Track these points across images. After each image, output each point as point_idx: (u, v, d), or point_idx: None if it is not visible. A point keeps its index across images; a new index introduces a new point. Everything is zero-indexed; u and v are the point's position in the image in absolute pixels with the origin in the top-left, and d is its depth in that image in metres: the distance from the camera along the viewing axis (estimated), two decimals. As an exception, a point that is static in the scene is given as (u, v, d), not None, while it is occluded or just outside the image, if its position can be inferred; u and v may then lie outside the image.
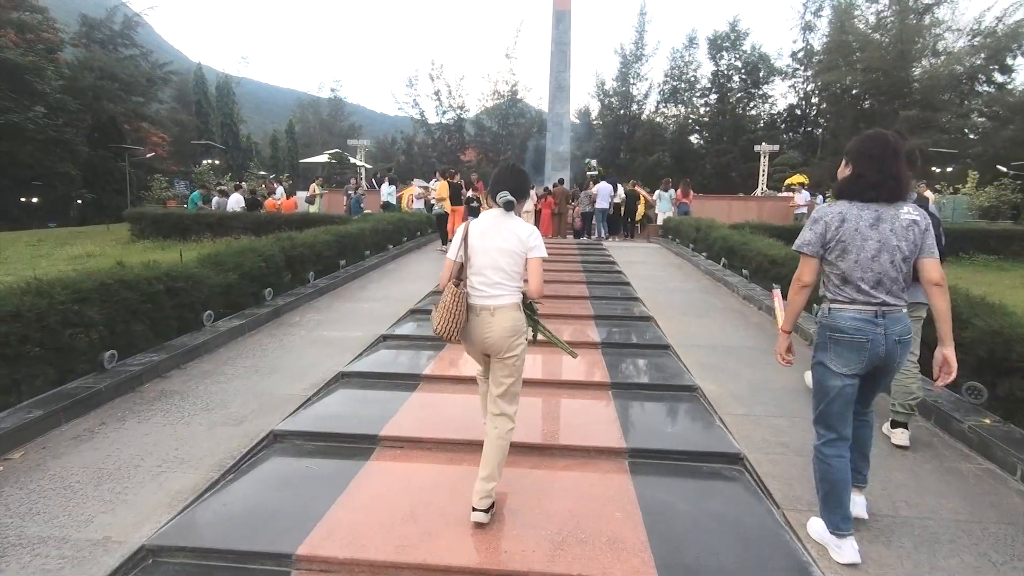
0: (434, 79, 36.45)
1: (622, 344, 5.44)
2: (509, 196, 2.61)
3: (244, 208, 14.16)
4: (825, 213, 2.38)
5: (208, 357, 4.77)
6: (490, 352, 2.59)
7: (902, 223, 2.27)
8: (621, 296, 7.52)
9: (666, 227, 13.07)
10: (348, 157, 24.49)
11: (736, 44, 36.88)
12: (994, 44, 27.70)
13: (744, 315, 6.49)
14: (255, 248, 6.07)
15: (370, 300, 6.98)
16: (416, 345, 5.43)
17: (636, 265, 9.70)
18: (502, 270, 2.55)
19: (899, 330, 2.32)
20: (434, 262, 9.57)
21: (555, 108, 26.54)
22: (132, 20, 29.93)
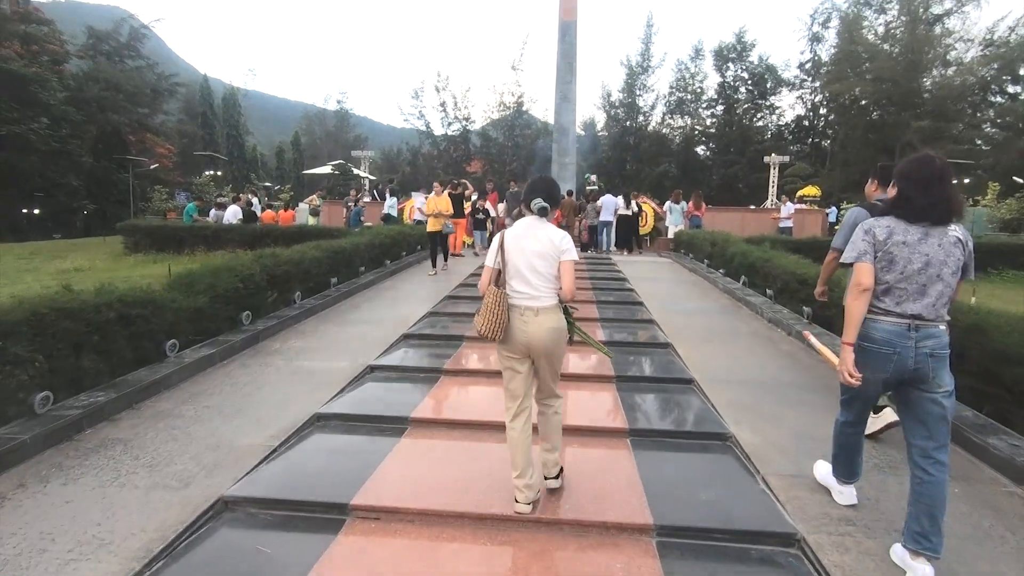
0: (440, 91, 36.06)
1: (639, 378, 4.77)
2: (543, 202, 2.73)
3: (240, 220, 13.63)
4: (874, 225, 2.42)
5: (167, 394, 4.15)
6: (533, 352, 2.69)
7: (949, 240, 2.31)
8: (634, 318, 6.87)
9: (678, 241, 12.43)
10: (352, 168, 24.02)
11: (743, 55, 36.36)
12: (1007, 55, 27.06)
13: (773, 341, 5.82)
14: (232, 267, 5.47)
15: (361, 323, 6.35)
16: (406, 377, 4.79)
17: (648, 282, 9.04)
18: (538, 272, 2.67)
19: (932, 344, 2.32)
20: (432, 281, 8.94)
21: (561, 119, 25.94)
22: (139, 32, 29.78)
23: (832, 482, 2.83)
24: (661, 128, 38.42)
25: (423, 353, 5.49)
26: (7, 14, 23.49)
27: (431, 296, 7.72)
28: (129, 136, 28.47)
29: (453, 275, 9.28)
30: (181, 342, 4.68)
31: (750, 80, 36.69)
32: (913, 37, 28.06)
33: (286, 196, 22.29)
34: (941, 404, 2.35)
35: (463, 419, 3.85)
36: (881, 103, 30.65)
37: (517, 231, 2.75)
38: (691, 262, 10.58)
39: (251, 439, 3.47)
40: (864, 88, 29.98)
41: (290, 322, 6.06)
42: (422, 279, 9.12)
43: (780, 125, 37.71)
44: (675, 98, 37.86)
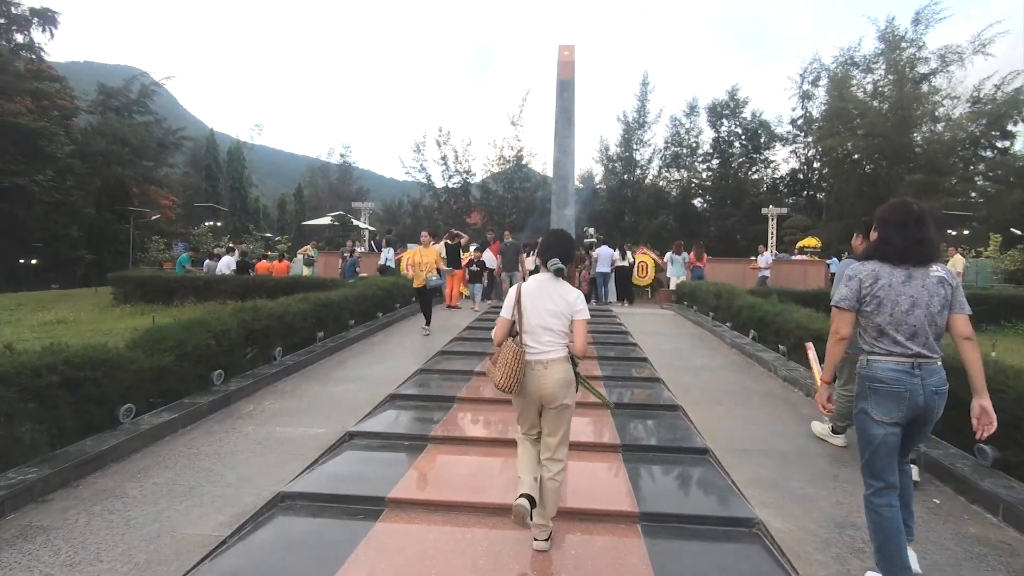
0: (441, 145, 36.64)
1: (648, 447, 4.26)
2: (560, 264, 2.81)
3: (234, 271, 13.32)
4: (859, 270, 2.47)
5: (114, 468, 3.64)
6: (545, 402, 2.75)
7: (932, 280, 2.38)
8: (639, 376, 6.39)
9: (680, 292, 12.05)
10: (351, 219, 23.98)
11: (736, 112, 37.21)
12: (993, 111, 27.57)
13: (791, 403, 5.32)
14: (206, 321, 5.05)
15: (345, 381, 5.87)
16: (389, 445, 4.28)
17: (652, 336, 8.60)
18: (551, 330, 2.76)
19: (935, 381, 2.37)
20: (426, 335, 8.51)
21: (560, 172, 26.10)
22: (149, 89, 30.52)
23: None
24: (658, 181, 38.89)
25: (410, 417, 4.99)
26: (20, 72, 24.03)
27: (423, 351, 7.27)
28: (133, 188, 28.68)
29: (448, 329, 8.85)
30: (140, 406, 4.20)
31: (744, 135, 37.42)
32: (901, 94, 28.69)
33: (283, 247, 22.13)
34: (926, 435, 2.63)
35: (448, 500, 3.33)
36: (874, 157, 31.07)
37: (533, 287, 2.84)
38: (695, 315, 10.16)
39: (199, 527, 2.95)
40: (856, 143, 30.42)
41: (268, 381, 5.59)
42: (415, 333, 8.68)
43: (775, 178, 38.21)
44: (671, 152, 38.49)
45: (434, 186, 37.56)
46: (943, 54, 28.98)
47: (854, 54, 32.96)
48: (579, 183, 39.26)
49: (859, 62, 32.79)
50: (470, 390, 5.61)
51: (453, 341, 8.00)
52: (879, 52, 31.60)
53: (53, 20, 25.53)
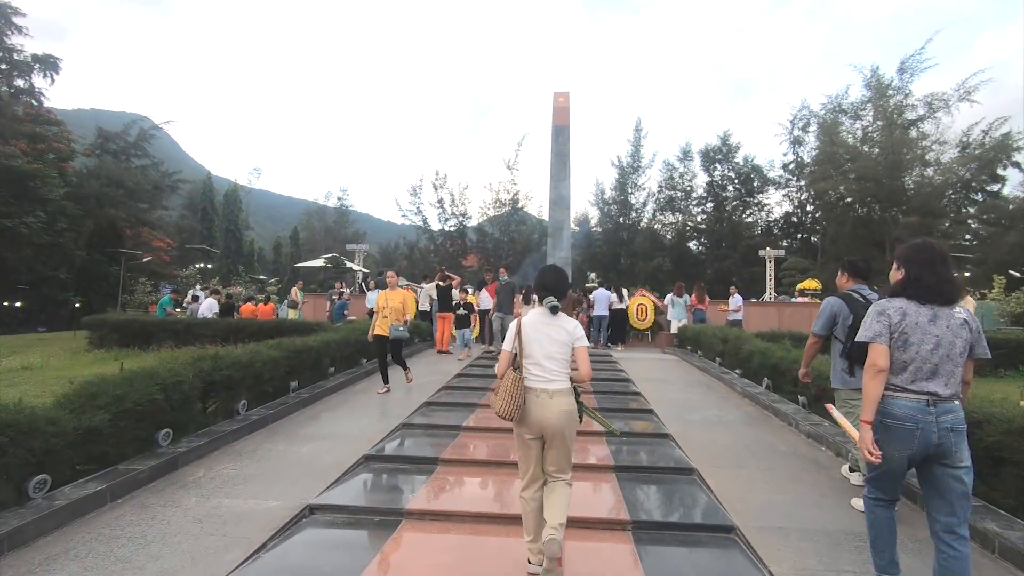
0: (437, 188, 36.71)
1: (663, 525, 3.57)
2: (555, 302, 2.86)
3: (217, 314, 12.68)
4: (888, 307, 2.50)
5: (14, 556, 2.94)
6: (547, 431, 2.75)
7: (956, 321, 2.41)
8: (646, 431, 5.71)
9: (682, 336, 11.44)
10: (344, 261, 23.51)
11: (729, 156, 37.56)
12: (983, 155, 27.77)
13: (821, 465, 4.65)
14: (155, 372, 4.41)
15: (316, 439, 5.18)
16: (355, 522, 3.58)
17: (656, 384, 7.94)
18: (553, 359, 2.80)
19: (951, 419, 2.37)
20: (411, 384, 7.82)
21: (555, 215, 26.03)
22: (148, 133, 30.60)
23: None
24: (653, 224, 38.89)
25: (385, 484, 4.30)
26: (19, 116, 23.99)
27: (407, 403, 6.58)
28: (126, 230, 28.30)
29: (436, 376, 8.17)
30: (61, 476, 3.52)
31: (737, 179, 37.65)
32: (891, 140, 28.93)
33: (273, 289, 21.55)
34: (962, 480, 2.38)
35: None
36: (867, 201, 31.10)
37: (533, 320, 2.87)
38: (700, 360, 9.52)
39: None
40: (848, 187, 30.52)
41: (226, 440, 4.89)
42: (400, 381, 8.01)
43: (769, 221, 38.21)
44: (665, 196, 38.64)
45: (430, 229, 37.45)
46: (930, 101, 29.44)
47: (842, 101, 33.54)
48: (575, 226, 39.27)
49: (847, 109, 33.31)
50: (456, 449, 4.93)
51: (441, 391, 7.32)
52: (866, 99, 32.15)
53: (55, 66, 25.75)
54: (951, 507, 2.38)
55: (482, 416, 6.13)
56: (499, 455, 4.85)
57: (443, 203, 37.02)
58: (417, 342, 11.32)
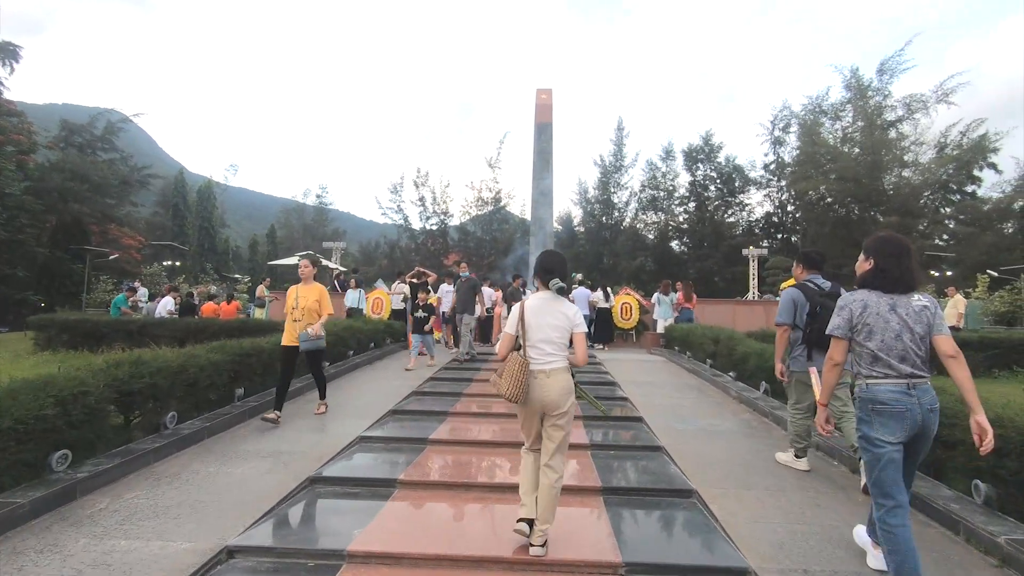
0: (419, 186, 35.83)
1: (663, 568, 2.89)
2: (561, 283, 2.97)
3: (174, 313, 11.77)
4: (849, 301, 2.64)
5: None
6: (546, 409, 2.87)
7: (915, 308, 2.54)
8: (635, 444, 5.05)
9: (669, 336, 10.84)
10: (320, 259, 22.52)
11: (711, 156, 37.31)
12: (960, 156, 27.81)
13: (838, 485, 4.02)
14: (52, 381, 3.62)
15: (256, 457, 4.42)
16: (285, 568, 2.84)
17: (644, 387, 7.30)
18: (553, 342, 2.90)
19: (929, 400, 2.50)
20: (379, 386, 7.08)
21: (538, 213, 25.46)
22: (115, 126, 29.18)
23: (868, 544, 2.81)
24: (636, 223, 38.50)
25: (327, 515, 3.57)
26: (-25, 106, 22.58)
27: (371, 409, 5.85)
28: (92, 226, 26.94)
29: (407, 381, 7.43)
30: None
31: (719, 179, 37.41)
32: (871, 140, 28.86)
33: (243, 288, 20.53)
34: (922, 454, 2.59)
35: None
36: (846, 201, 31.03)
37: (535, 304, 2.95)
38: (690, 362, 8.91)
39: None
40: (829, 186, 30.41)
41: (146, 460, 4.11)
42: (365, 385, 7.25)
43: (751, 221, 38.02)
44: (647, 195, 38.27)
45: (411, 227, 36.55)
46: (908, 102, 29.43)
47: (822, 102, 33.45)
48: (558, 225, 38.69)
49: (827, 110, 33.22)
50: (419, 468, 4.22)
51: (412, 396, 6.60)
52: (846, 100, 32.09)
53: (15, 54, 24.31)
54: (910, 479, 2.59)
55: (456, 425, 5.44)
56: (469, 474, 4.16)
57: (424, 201, 36.21)
58: (390, 343, 10.55)
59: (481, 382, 7.47)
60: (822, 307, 3.90)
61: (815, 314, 3.96)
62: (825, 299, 3.94)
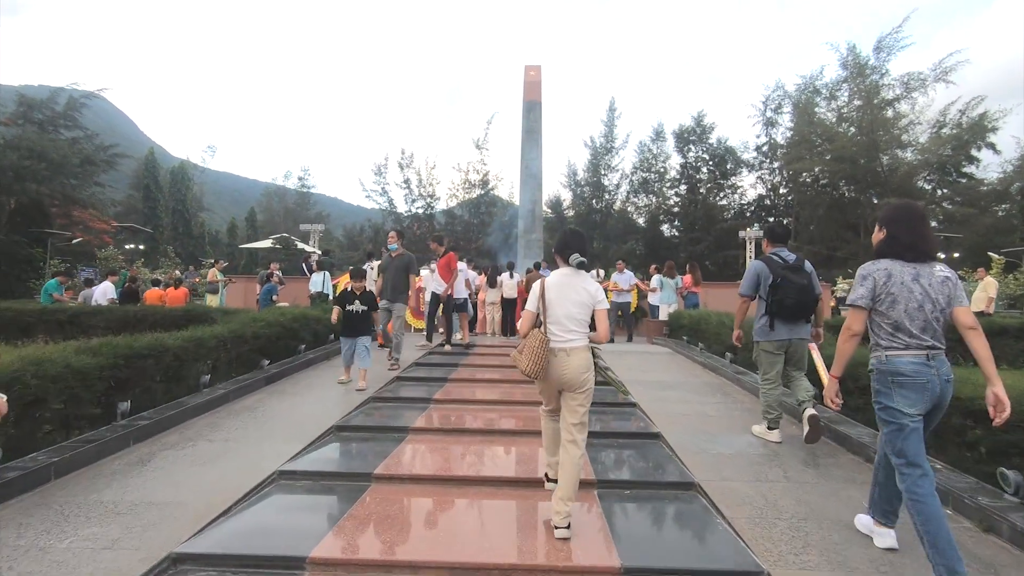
0: (404, 168, 33.98)
1: None
2: (582, 258, 2.89)
3: (114, 300, 10.17)
4: (873, 270, 2.53)
5: None
6: (566, 387, 2.79)
7: (937, 279, 2.46)
8: (658, 479, 3.63)
9: (674, 324, 9.44)
10: (295, 242, 20.88)
11: (702, 137, 35.76)
12: (959, 136, 26.59)
13: (993, 567, 2.64)
14: None
15: (113, 514, 2.93)
16: None
17: (654, 389, 5.91)
18: (575, 319, 2.81)
19: (946, 371, 2.43)
20: (325, 392, 5.60)
21: (526, 195, 23.89)
22: (78, 102, 26.93)
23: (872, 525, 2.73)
24: (626, 206, 37.09)
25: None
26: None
27: (308, 424, 4.37)
28: (55, 209, 24.88)
29: (349, 395, 5.95)
30: None
31: (711, 161, 35.96)
32: (868, 120, 27.54)
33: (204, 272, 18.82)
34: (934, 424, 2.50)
35: None
36: (842, 182, 29.81)
37: (557, 281, 2.88)
38: (703, 355, 7.52)
39: None
40: (825, 167, 29.15)
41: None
42: (310, 390, 5.77)
43: (742, 204, 36.72)
44: (638, 177, 36.79)
45: (396, 211, 34.81)
46: (906, 81, 28.10)
47: (816, 82, 32.02)
48: (547, 208, 37.14)
49: (821, 89, 31.80)
50: (343, 536, 2.75)
51: (367, 405, 5.13)
52: (841, 79, 30.68)
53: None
54: None
55: (418, 449, 3.98)
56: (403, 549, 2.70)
57: (410, 184, 34.41)
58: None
59: (461, 382, 6.03)
60: (784, 279, 3.97)
61: (776, 285, 3.99)
62: (787, 271, 4.00)
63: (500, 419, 4.91)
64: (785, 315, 4.00)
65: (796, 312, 4.01)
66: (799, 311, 4.01)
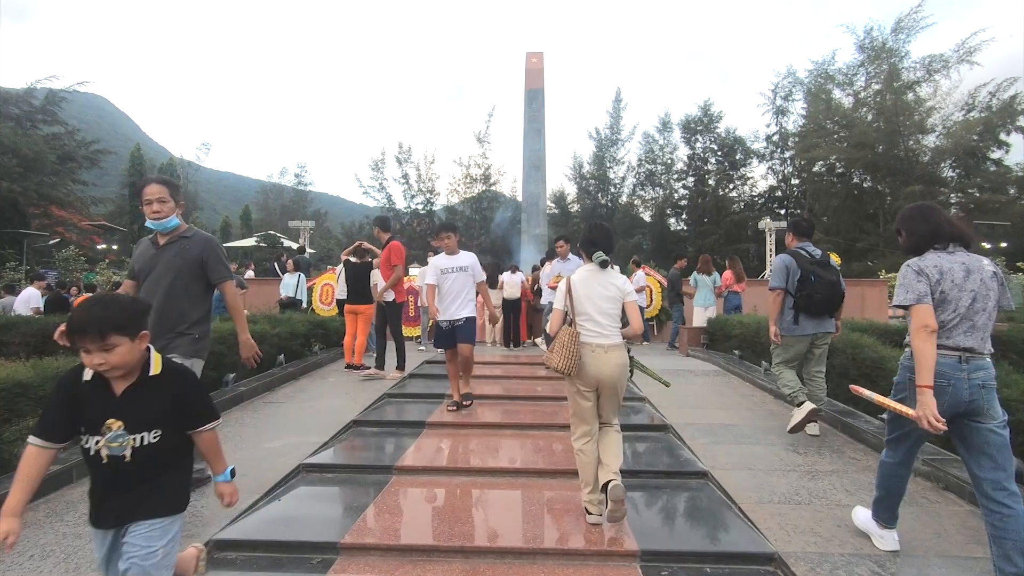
0: (402, 162, 32.04)
1: None
2: (605, 256, 2.79)
3: (39, 309, 8.29)
4: (925, 266, 2.31)
5: None
6: (603, 383, 2.71)
7: (987, 274, 2.27)
8: None
9: (717, 332, 7.47)
10: (281, 240, 18.98)
11: (710, 127, 33.67)
12: (989, 120, 24.43)
13: None
14: None
15: None
16: None
17: (721, 437, 3.97)
18: (606, 314, 2.74)
19: (983, 376, 2.21)
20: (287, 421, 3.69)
21: (530, 188, 21.94)
22: (56, 96, 25.03)
23: (873, 527, 2.52)
24: (633, 199, 35.09)
25: None
26: None
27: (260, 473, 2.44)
28: (32, 208, 23.10)
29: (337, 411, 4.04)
30: None
31: (720, 151, 33.87)
32: (897, 104, 25.36)
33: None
34: (1000, 434, 2.20)
35: None
36: (860, 170, 27.69)
37: (583, 276, 2.80)
38: (766, 378, 5.55)
39: None
40: (841, 155, 27.06)
41: None
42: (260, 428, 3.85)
43: (753, 195, 34.62)
44: (645, 170, 34.76)
45: (395, 207, 32.88)
46: (928, 63, 25.94)
47: (828, 67, 29.87)
48: (551, 203, 35.18)
49: (834, 75, 29.65)
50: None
51: (373, 406, 3.23)
52: (858, 63, 28.53)
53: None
54: (993, 460, 2.15)
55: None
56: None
57: (408, 179, 32.49)
58: (319, 351, 7.12)
59: (438, 431, 4.14)
60: (814, 275, 3.92)
61: (807, 280, 3.93)
62: (816, 267, 3.95)
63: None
64: (813, 310, 3.92)
65: (823, 307, 3.93)
66: (826, 306, 3.94)
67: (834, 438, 4.12)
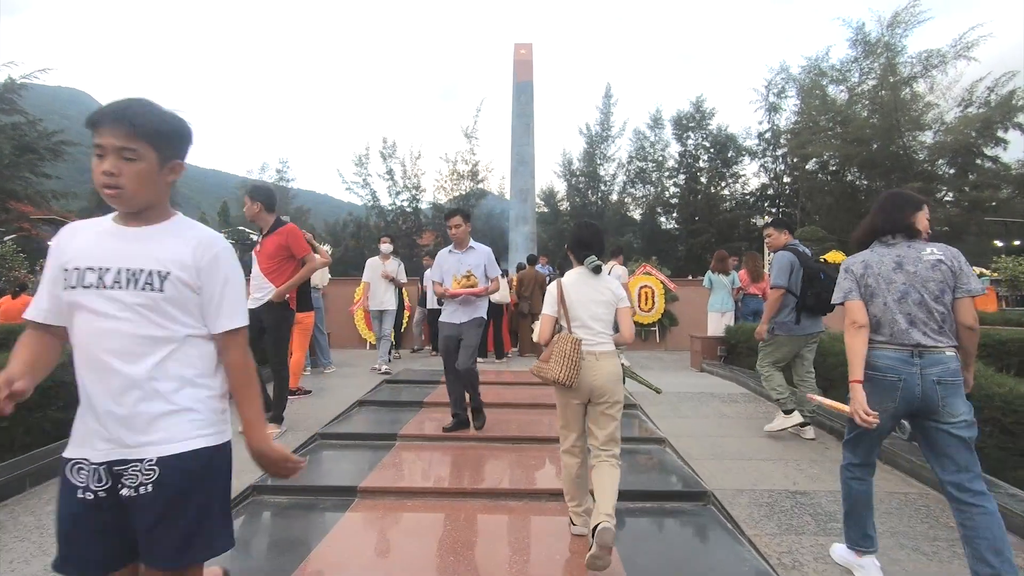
0: (386, 158, 30.51)
1: None
2: (597, 261, 2.64)
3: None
4: (851, 263, 2.33)
5: None
6: (594, 396, 2.55)
7: (926, 264, 2.16)
8: None
9: (733, 343, 6.13)
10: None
11: (702, 124, 32.54)
12: (987, 115, 23.45)
13: None
14: None
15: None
16: None
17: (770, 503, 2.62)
18: (600, 320, 2.61)
19: (939, 371, 2.10)
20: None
21: (518, 183, 20.53)
22: (14, 84, 23.09)
23: (851, 558, 2.30)
24: (624, 197, 33.83)
25: None
26: None
27: None
28: (-12, 202, 21.25)
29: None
30: None
31: (711, 148, 32.73)
32: (894, 99, 24.31)
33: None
34: (958, 435, 2.08)
35: None
36: (854, 167, 26.65)
37: (574, 280, 2.67)
38: (817, 412, 4.22)
39: None
40: (835, 152, 25.99)
41: None
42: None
43: (745, 193, 33.53)
44: (635, 167, 33.51)
45: (379, 204, 31.34)
46: (926, 58, 24.91)
47: (822, 63, 28.79)
48: (540, 201, 33.85)
49: (827, 71, 28.58)
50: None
51: None
52: (851, 59, 27.48)
53: None
54: (954, 462, 2.08)
55: None
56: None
57: (393, 175, 30.98)
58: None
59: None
60: (824, 274, 3.78)
61: (816, 279, 3.79)
62: (823, 266, 3.88)
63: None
64: (820, 310, 3.76)
65: (826, 307, 3.73)
66: (828, 306, 3.66)
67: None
